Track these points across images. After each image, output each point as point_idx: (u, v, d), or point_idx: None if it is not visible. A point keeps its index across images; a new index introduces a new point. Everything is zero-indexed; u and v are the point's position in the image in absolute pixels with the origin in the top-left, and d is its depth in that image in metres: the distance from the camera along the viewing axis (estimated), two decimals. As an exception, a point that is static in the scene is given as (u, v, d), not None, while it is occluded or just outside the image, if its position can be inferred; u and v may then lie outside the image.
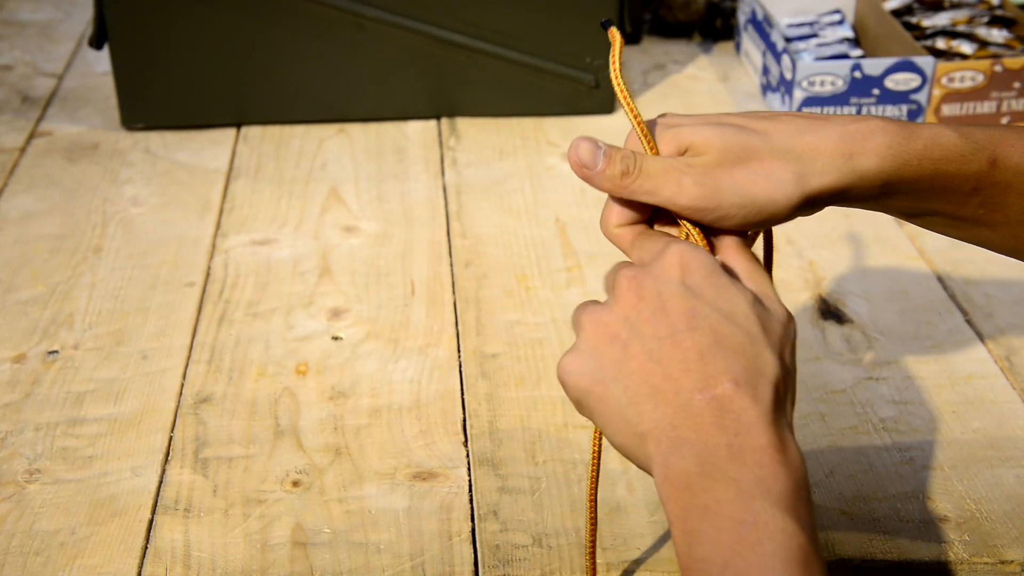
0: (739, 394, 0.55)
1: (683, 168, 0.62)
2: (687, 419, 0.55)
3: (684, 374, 0.56)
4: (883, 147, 0.62)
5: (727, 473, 0.54)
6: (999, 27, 1.33)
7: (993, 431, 0.86)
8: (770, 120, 0.64)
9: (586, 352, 0.59)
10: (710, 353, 0.56)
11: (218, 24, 1.24)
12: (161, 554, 0.76)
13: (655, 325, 0.57)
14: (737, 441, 0.54)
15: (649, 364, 0.57)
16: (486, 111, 1.31)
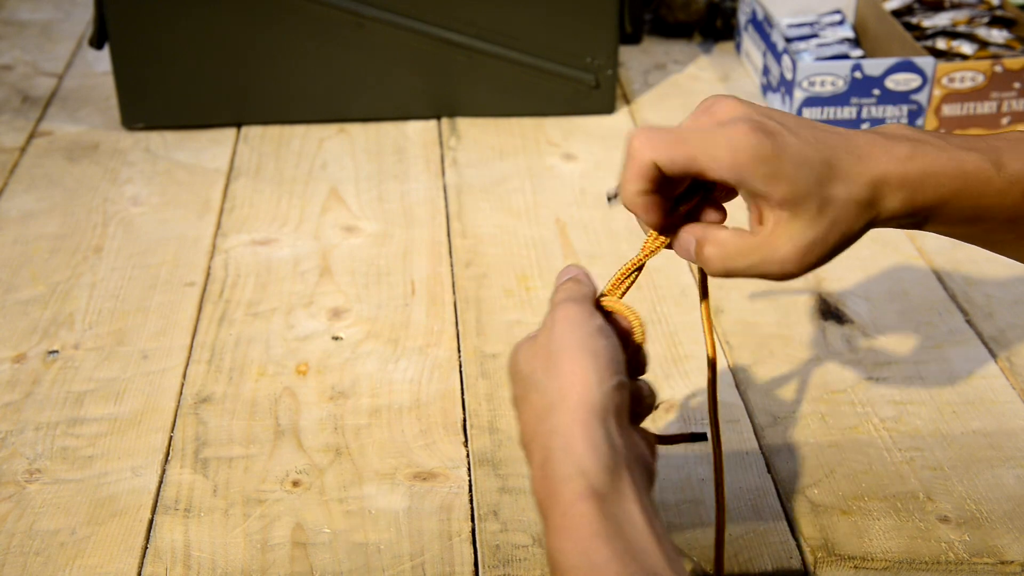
0: (526, 443, 0.60)
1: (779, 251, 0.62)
2: None
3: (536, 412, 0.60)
4: (932, 195, 0.64)
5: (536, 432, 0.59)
6: (999, 27, 1.33)
7: (993, 431, 0.86)
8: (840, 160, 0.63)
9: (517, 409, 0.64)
10: (540, 385, 0.60)
11: (218, 24, 1.24)
12: (161, 554, 0.76)
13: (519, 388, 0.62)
14: (538, 499, 0.57)
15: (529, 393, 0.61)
16: (486, 111, 1.31)
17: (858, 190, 0.62)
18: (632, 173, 0.63)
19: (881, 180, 0.63)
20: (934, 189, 0.64)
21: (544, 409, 0.58)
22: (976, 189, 0.64)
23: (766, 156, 0.60)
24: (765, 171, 0.60)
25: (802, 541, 0.76)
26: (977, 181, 0.64)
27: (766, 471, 0.82)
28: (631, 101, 1.36)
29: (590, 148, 1.26)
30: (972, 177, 0.64)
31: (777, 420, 0.87)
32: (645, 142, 0.62)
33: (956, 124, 1.26)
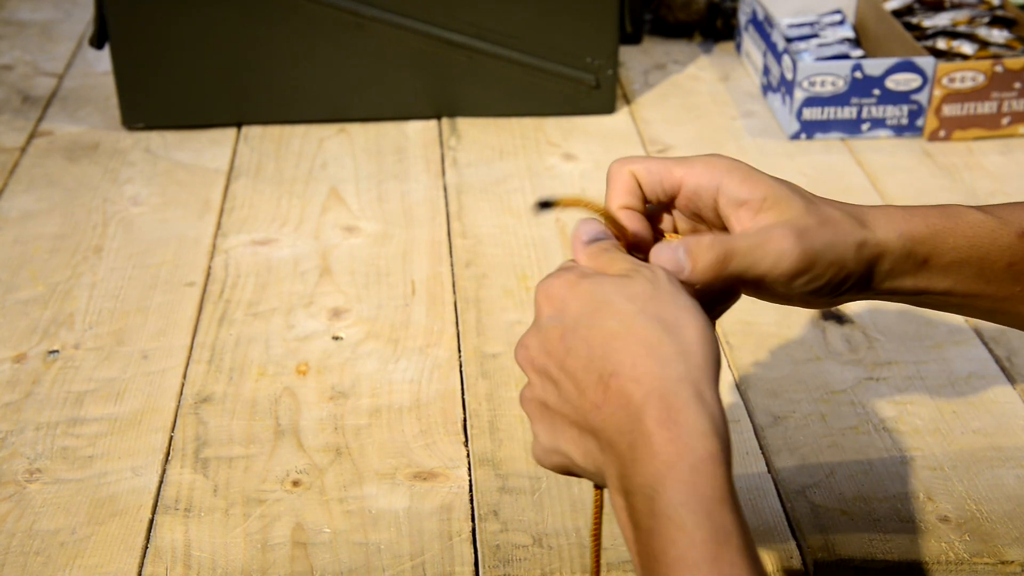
0: (622, 383, 0.54)
1: (777, 235, 0.60)
2: (602, 437, 0.55)
3: (581, 397, 0.55)
4: (920, 225, 0.63)
5: (635, 482, 0.52)
6: (1000, 27, 1.33)
7: (993, 431, 0.86)
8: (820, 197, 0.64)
9: (533, 425, 0.60)
10: (589, 363, 0.55)
11: (219, 24, 1.24)
12: (161, 554, 0.76)
13: (547, 373, 0.57)
14: (631, 439, 0.53)
15: (563, 406, 0.57)
16: (486, 111, 1.31)
17: (844, 208, 0.63)
18: (614, 187, 0.64)
19: (868, 213, 0.63)
20: (923, 221, 0.64)
21: (669, 354, 0.54)
22: (968, 229, 0.64)
23: (739, 167, 0.62)
24: (740, 176, 0.62)
25: (802, 542, 0.76)
26: (966, 223, 0.64)
27: (766, 471, 0.82)
28: (631, 101, 1.36)
29: (590, 148, 1.26)
30: (961, 218, 0.65)
31: (777, 420, 0.87)
32: (621, 160, 0.64)
33: (956, 124, 1.26)
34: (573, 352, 0.56)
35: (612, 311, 0.56)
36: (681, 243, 0.60)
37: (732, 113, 1.33)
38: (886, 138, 1.27)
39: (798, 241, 0.61)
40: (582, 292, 0.57)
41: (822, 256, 0.61)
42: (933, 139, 1.26)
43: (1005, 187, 1.18)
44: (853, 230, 0.62)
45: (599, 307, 0.56)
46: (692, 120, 1.32)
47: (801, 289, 0.62)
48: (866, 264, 0.63)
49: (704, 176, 0.62)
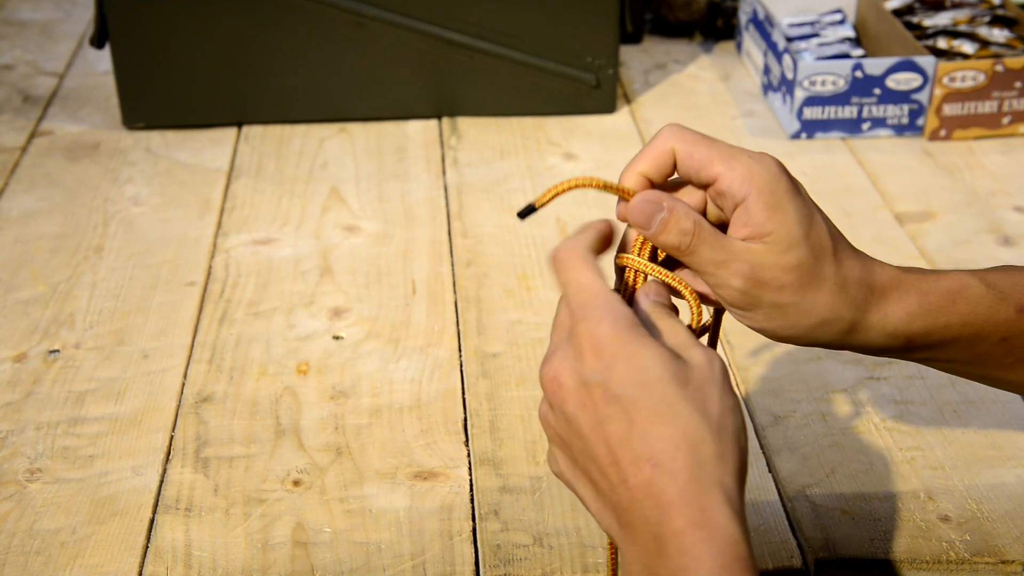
0: (657, 475, 0.53)
1: (735, 271, 0.61)
2: (623, 515, 0.54)
3: (611, 467, 0.54)
4: (914, 307, 0.63)
5: (660, 573, 0.52)
6: (1000, 27, 1.33)
7: (993, 431, 0.86)
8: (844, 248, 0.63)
9: (552, 445, 0.59)
10: (627, 439, 0.54)
11: (219, 24, 1.24)
12: (162, 553, 0.76)
13: (577, 425, 0.56)
14: (658, 531, 0.52)
15: (588, 463, 0.56)
16: (487, 111, 1.31)
17: (850, 283, 0.62)
18: (648, 152, 0.62)
19: (874, 287, 0.63)
20: (919, 307, 0.63)
21: (710, 456, 0.53)
22: (964, 307, 0.64)
23: (774, 191, 0.60)
24: (766, 203, 0.60)
25: (803, 541, 0.76)
26: (964, 300, 0.64)
27: (767, 471, 0.82)
28: (632, 101, 1.36)
29: (590, 148, 1.26)
30: (960, 295, 0.64)
31: (777, 420, 0.87)
32: (674, 131, 0.62)
33: (957, 123, 1.26)
34: (612, 420, 0.54)
35: (662, 392, 0.54)
36: (666, 209, 0.61)
37: (733, 112, 1.33)
38: (887, 137, 1.27)
39: (747, 284, 0.61)
40: (634, 358, 0.55)
41: (768, 310, 0.61)
42: (934, 138, 1.26)
43: (1006, 187, 1.18)
44: (832, 310, 0.62)
45: (650, 383, 0.54)
46: (693, 120, 1.32)
47: (741, 321, 0.63)
48: (828, 338, 0.63)
49: (737, 184, 0.61)
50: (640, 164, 0.64)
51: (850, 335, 0.63)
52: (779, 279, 0.61)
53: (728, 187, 0.61)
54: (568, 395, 0.56)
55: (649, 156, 0.63)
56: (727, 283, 0.61)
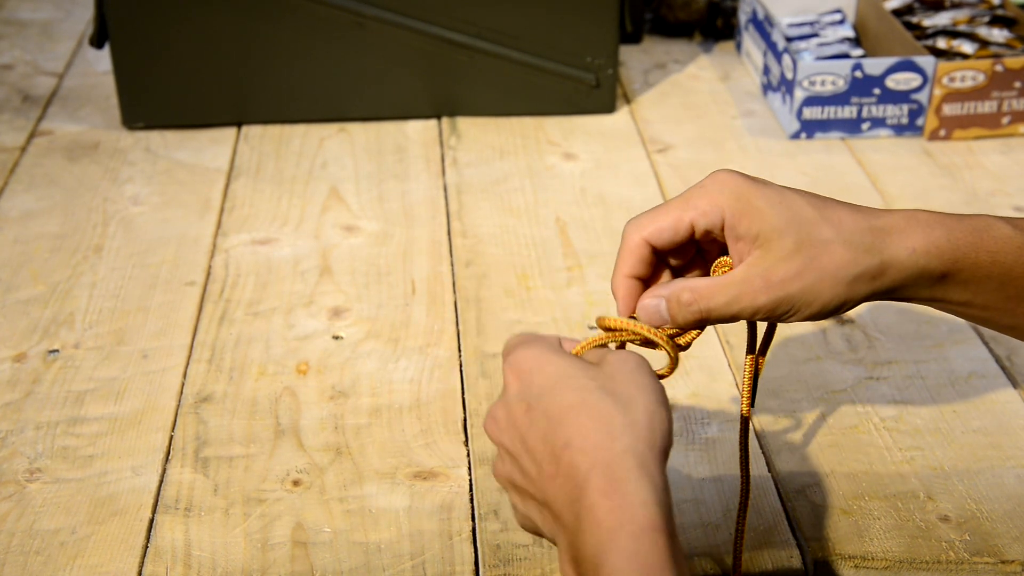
0: (572, 455, 0.56)
1: (749, 290, 0.63)
2: (553, 506, 0.57)
3: (540, 467, 0.58)
4: (941, 239, 0.64)
5: (582, 552, 0.55)
6: (1000, 27, 1.33)
7: (993, 431, 0.86)
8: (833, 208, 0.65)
9: (509, 496, 0.63)
10: (546, 437, 0.58)
11: (219, 23, 1.24)
12: (162, 553, 0.76)
13: (512, 448, 0.60)
14: (576, 509, 0.55)
15: (526, 481, 0.60)
16: (486, 110, 1.31)
17: (854, 232, 0.63)
18: (624, 256, 0.66)
19: (884, 230, 0.63)
20: (946, 235, 0.64)
21: (618, 427, 0.56)
22: (992, 244, 0.64)
23: (741, 195, 0.63)
24: (740, 209, 0.63)
25: (802, 541, 0.76)
26: (991, 238, 0.65)
27: (766, 471, 0.82)
28: (631, 100, 1.36)
29: (590, 148, 1.26)
30: (987, 232, 0.65)
31: (777, 420, 0.87)
32: (632, 225, 0.66)
33: (957, 123, 1.26)
34: (535, 425, 0.58)
35: (572, 386, 0.58)
36: (662, 298, 0.65)
37: (732, 112, 1.33)
38: (886, 137, 1.27)
39: (768, 292, 0.63)
40: (547, 367, 0.60)
41: (799, 299, 0.63)
42: (933, 138, 1.26)
43: (1005, 187, 1.18)
44: (851, 263, 0.63)
45: (561, 381, 0.59)
46: (692, 119, 1.32)
47: (789, 321, 0.65)
48: (868, 287, 0.64)
49: (710, 215, 0.64)
50: (623, 268, 0.67)
51: (882, 278, 0.64)
52: (789, 268, 0.62)
53: (706, 224, 0.64)
54: (502, 425, 0.60)
55: (627, 259, 0.66)
56: (756, 307, 0.63)
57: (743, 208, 0.63)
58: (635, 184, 1.18)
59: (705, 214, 0.64)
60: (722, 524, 0.78)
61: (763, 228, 0.63)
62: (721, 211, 0.64)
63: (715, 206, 0.64)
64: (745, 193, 0.63)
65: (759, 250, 0.63)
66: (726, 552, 0.75)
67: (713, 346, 0.95)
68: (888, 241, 0.63)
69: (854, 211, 0.64)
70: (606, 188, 1.18)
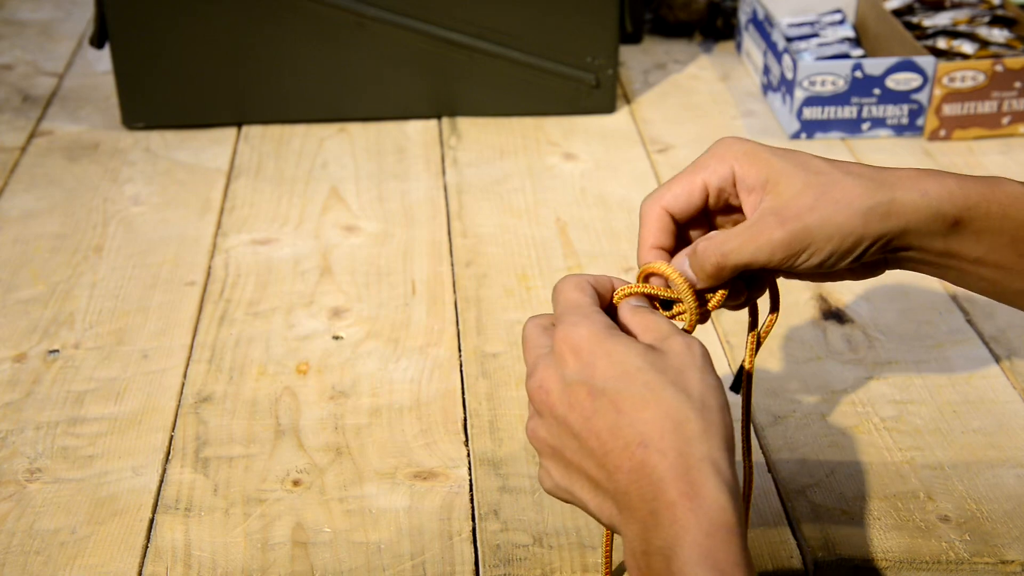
0: (648, 455, 0.56)
1: (763, 226, 0.63)
2: (621, 499, 0.57)
3: (606, 457, 0.57)
4: (953, 186, 0.64)
5: (654, 544, 0.55)
6: (1000, 27, 1.33)
7: (993, 431, 0.86)
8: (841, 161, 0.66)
9: (543, 459, 0.62)
10: (616, 428, 0.57)
11: (219, 23, 1.24)
12: (162, 553, 0.76)
13: (568, 425, 0.58)
14: (653, 506, 0.55)
15: (584, 461, 0.58)
16: (487, 111, 1.31)
17: (863, 174, 0.64)
18: (647, 229, 0.66)
19: (893, 174, 0.64)
20: (957, 183, 0.64)
21: (695, 431, 0.56)
22: (1005, 199, 0.65)
23: (747, 150, 0.65)
24: (747, 160, 0.65)
25: (802, 541, 0.76)
26: (1004, 193, 0.65)
27: (766, 471, 0.82)
28: (631, 101, 1.36)
29: (590, 148, 1.26)
30: (999, 187, 0.65)
31: (777, 420, 0.87)
32: (653, 197, 0.66)
33: (957, 124, 1.26)
34: (600, 414, 0.57)
35: (641, 380, 0.57)
36: (685, 257, 0.65)
37: (732, 112, 1.33)
38: (886, 137, 1.27)
39: (783, 226, 0.63)
40: (612, 354, 0.58)
41: (816, 232, 0.63)
42: (933, 138, 1.26)
43: (1005, 187, 1.18)
44: (863, 195, 0.63)
45: (630, 373, 0.57)
46: (692, 120, 1.32)
47: (808, 267, 0.64)
48: (880, 226, 0.63)
49: (719, 170, 0.65)
50: (647, 240, 0.67)
51: (894, 217, 0.64)
52: (802, 202, 0.63)
53: (718, 181, 0.65)
54: (556, 399, 0.59)
55: (650, 229, 0.67)
56: (772, 244, 0.63)
57: (751, 159, 0.65)
58: (635, 184, 1.18)
59: (715, 172, 0.65)
60: (722, 524, 0.78)
61: (771, 172, 0.64)
62: (730, 166, 0.65)
63: (723, 162, 0.65)
64: (752, 148, 0.65)
65: (770, 193, 0.64)
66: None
67: (713, 346, 0.95)
68: (899, 184, 0.64)
69: (865, 165, 0.66)
70: (606, 188, 1.18)
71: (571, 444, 0.59)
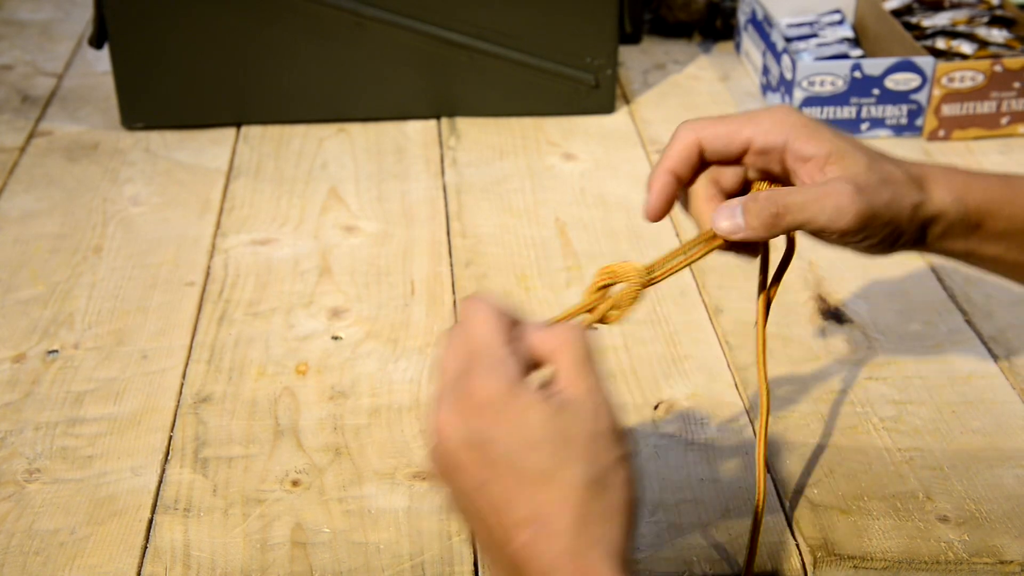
0: (538, 538, 0.51)
1: (836, 190, 0.64)
2: (511, 570, 0.53)
3: (497, 527, 0.53)
4: (975, 184, 0.66)
5: None
6: (999, 27, 1.33)
7: (993, 431, 0.86)
8: None
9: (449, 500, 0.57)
10: (509, 502, 0.52)
11: (218, 23, 1.24)
12: (161, 554, 0.76)
13: (462, 481, 0.54)
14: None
15: (474, 518, 0.54)
16: (486, 111, 1.31)
17: (905, 168, 0.66)
18: (672, 150, 0.66)
19: (929, 174, 0.66)
20: (982, 187, 0.66)
21: (594, 515, 0.52)
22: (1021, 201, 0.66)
23: (806, 123, 0.65)
24: (806, 132, 0.65)
25: (801, 541, 0.76)
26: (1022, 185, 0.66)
27: (767, 471, 0.82)
28: (631, 101, 1.36)
29: (590, 148, 1.26)
30: (1015, 180, 0.67)
31: (777, 420, 0.87)
32: (690, 124, 0.66)
33: (956, 124, 1.26)
34: (497, 482, 0.52)
35: (546, 454, 0.52)
36: (740, 203, 0.64)
37: (732, 113, 1.33)
38: (885, 138, 1.27)
39: (857, 197, 0.64)
40: (518, 417, 0.52)
41: (879, 215, 0.64)
42: (932, 139, 1.26)
43: (1005, 187, 1.18)
44: (910, 192, 0.65)
45: (533, 445, 0.52)
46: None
47: (853, 244, 0.66)
48: (919, 225, 0.65)
49: (772, 134, 0.65)
50: (667, 162, 0.67)
51: (922, 209, 0.65)
52: (869, 179, 0.64)
53: (764, 141, 0.65)
54: (452, 451, 0.53)
55: (674, 153, 0.66)
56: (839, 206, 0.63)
57: (809, 132, 0.65)
58: (635, 184, 1.18)
59: (767, 132, 0.65)
60: (722, 524, 0.78)
61: (835, 147, 0.64)
62: (784, 133, 0.65)
63: (779, 126, 0.65)
64: (811, 122, 0.66)
65: (835, 165, 0.64)
66: (726, 552, 0.75)
67: (713, 346, 0.95)
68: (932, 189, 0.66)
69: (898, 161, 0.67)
70: (606, 188, 1.18)
71: (463, 498, 0.54)
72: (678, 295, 1.01)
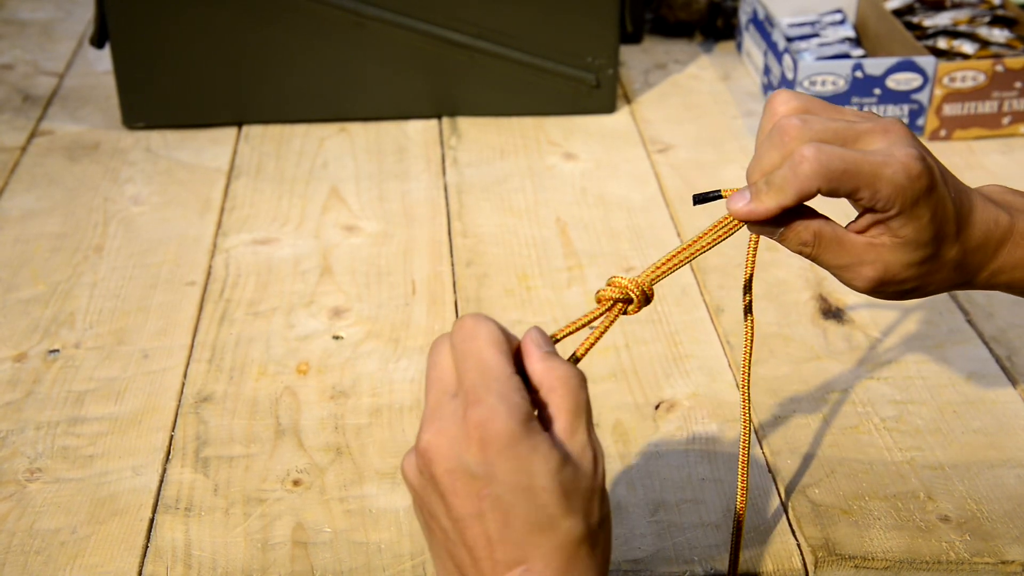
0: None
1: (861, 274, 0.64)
2: None
3: (486, 560, 0.52)
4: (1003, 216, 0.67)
5: None
6: (1000, 27, 1.33)
7: (993, 431, 0.86)
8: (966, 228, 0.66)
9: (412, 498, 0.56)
10: (501, 540, 0.52)
11: (219, 23, 1.24)
12: (162, 553, 0.76)
13: (448, 507, 0.52)
14: None
15: (453, 547, 0.53)
16: (487, 110, 1.31)
17: (970, 243, 0.66)
18: (792, 193, 0.62)
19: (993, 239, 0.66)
20: (1007, 214, 0.67)
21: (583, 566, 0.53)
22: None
23: (919, 194, 0.63)
24: (912, 212, 0.63)
25: (802, 541, 0.76)
26: None
27: (766, 471, 0.82)
28: (632, 100, 1.36)
29: (590, 148, 1.26)
30: None
31: (777, 419, 0.87)
32: (816, 167, 0.61)
33: (957, 124, 1.26)
34: (488, 518, 0.52)
35: (545, 501, 0.52)
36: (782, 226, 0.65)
37: (733, 112, 1.33)
38: (887, 138, 1.27)
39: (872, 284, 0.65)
40: (522, 461, 0.51)
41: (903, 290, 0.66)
42: (934, 138, 1.26)
43: (1006, 187, 1.18)
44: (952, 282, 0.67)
45: (534, 491, 0.51)
46: (693, 119, 1.32)
47: None
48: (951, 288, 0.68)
49: (884, 202, 0.63)
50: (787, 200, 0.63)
51: (960, 287, 0.68)
52: (905, 273, 0.64)
53: (874, 206, 0.63)
54: (445, 472, 0.52)
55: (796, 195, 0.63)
56: (854, 280, 0.65)
57: (913, 213, 0.63)
58: (635, 184, 1.18)
59: (880, 202, 0.63)
60: (722, 524, 0.78)
61: (910, 236, 0.63)
62: (894, 207, 0.63)
63: (893, 200, 0.62)
64: (920, 195, 0.63)
65: (891, 246, 0.64)
66: (727, 552, 0.75)
67: (714, 346, 0.95)
68: (984, 264, 0.66)
69: (981, 213, 0.67)
70: (606, 188, 1.18)
71: (445, 523, 0.53)
72: (679, 294, 1.01)
